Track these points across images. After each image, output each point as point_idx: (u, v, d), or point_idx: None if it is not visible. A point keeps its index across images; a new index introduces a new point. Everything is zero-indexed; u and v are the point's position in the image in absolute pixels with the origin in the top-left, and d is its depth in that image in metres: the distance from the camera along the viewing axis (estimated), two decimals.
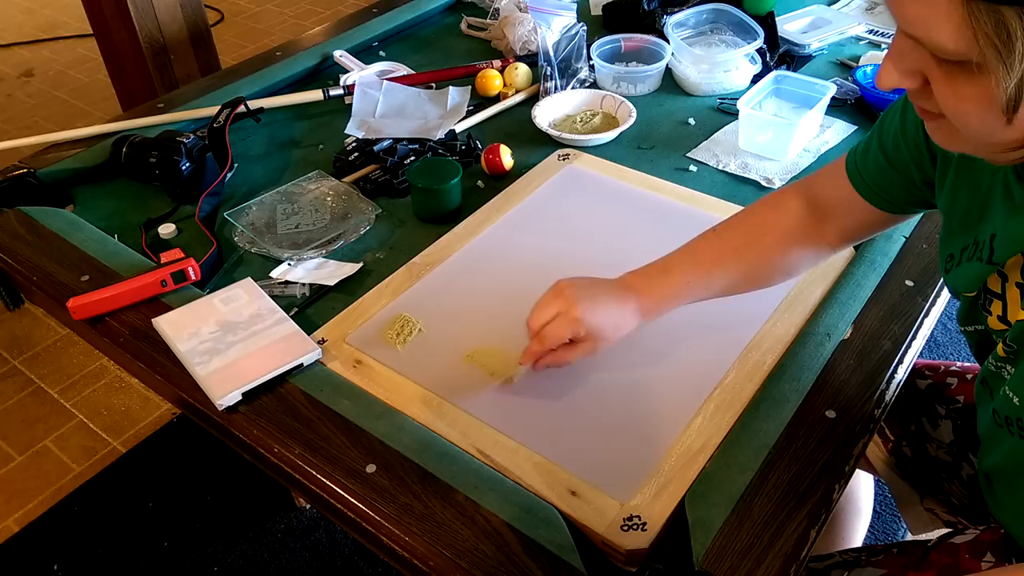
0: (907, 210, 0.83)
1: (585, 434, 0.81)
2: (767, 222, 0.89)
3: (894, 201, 0.81)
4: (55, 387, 2.00)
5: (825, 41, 1.51)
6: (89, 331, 0.96)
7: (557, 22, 1.53)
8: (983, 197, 0.68)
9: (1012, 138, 0.53)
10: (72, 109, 3.13)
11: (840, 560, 0.87)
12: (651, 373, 0.88)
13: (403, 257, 1.05)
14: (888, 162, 0.78)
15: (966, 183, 0.70)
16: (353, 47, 1.54)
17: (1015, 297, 0.66)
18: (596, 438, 0.81)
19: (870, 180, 0.81)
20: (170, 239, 1.12)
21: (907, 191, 0.79)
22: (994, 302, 0.68)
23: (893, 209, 0.82)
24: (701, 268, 0.88)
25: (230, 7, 3.93)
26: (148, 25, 2.09)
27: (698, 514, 0.71)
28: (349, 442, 0.79)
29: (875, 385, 0.84)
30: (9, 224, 1.10)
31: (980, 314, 0.71)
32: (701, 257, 0.89)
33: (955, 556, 0.81)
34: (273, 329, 0.90)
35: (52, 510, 1.71)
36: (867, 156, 0.81)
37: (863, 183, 0.81)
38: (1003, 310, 0.67)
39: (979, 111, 0.52)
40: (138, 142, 1.21)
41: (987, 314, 0.70)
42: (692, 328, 0.93)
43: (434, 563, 0.70)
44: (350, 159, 1.22)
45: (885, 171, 0.79)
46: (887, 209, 0.82)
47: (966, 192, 0.70)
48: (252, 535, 1.65)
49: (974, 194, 0.69)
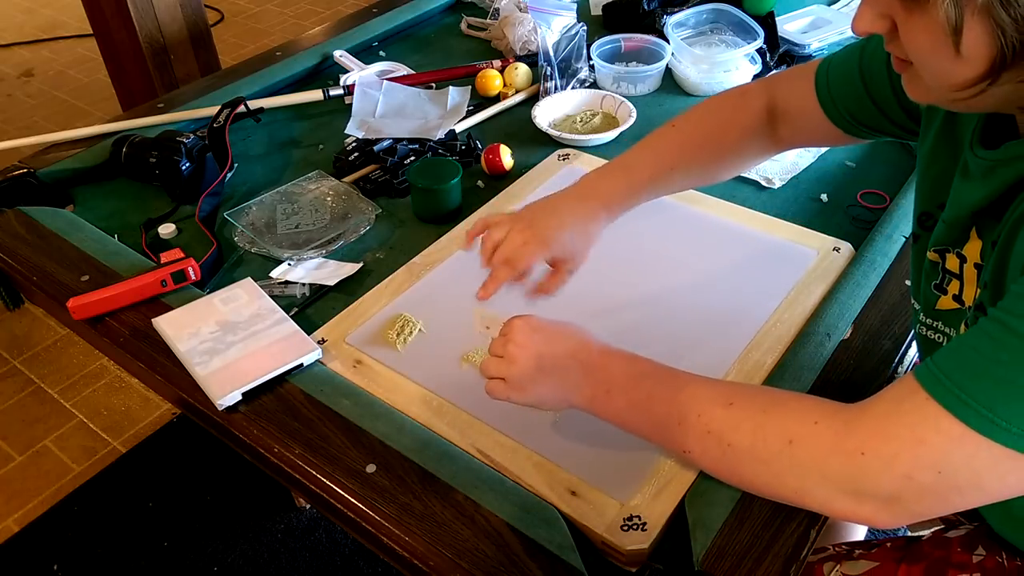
0: (866, 136, 0.85)
1: (585, 434, 0.81)
2: (730, 120, 0.90)
3: (858, 125, 0.83)
4: (55, 387, 2.00)
5: (825, 41, 1.51)
6: (89, 331, 0.96)
7: (557, 22, 1.53)
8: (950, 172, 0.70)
9: (966, 75, 0.55)
10: (72, 109, 3.13)
11: (833, 553, 0.88)
12: None
13: (403, 257, 1.05)
14: (866, 90, 0.80)
15: (944, 153, 0.72)
16: (353, 47, 1.54)
17: (972, 278, 0.68)
18: (596, 438, 0.81)
19: (838, 100, 0.82)
20: (170, 239, 1.12)
21: (877, 121, 0.81)
22: (951, 282, 0.71)
23: (852, 131, 0.84)
24: (663, 166, 0.88)
25: (230, 7, 3.93)
26: (148, 25, 2.09)
27: (698, 514, 0.71)
28: (349, 442, 0.79)
29: (875, 385, 0.84)
30: (9, 224, 1.10)
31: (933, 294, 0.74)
32: (663, 154, 0.89)
33: (947, 549, 0.81)
34: (273, 329, 0.90)
35: (52, 510, 1.71)
36: (842, 78, 0.82)
37: (830, 101, 0.83)
38: (959, 289, 0.70)
39: (932, 43, 0.54)
40: (138, 142, 1.21)
41: (942, 294, 0.72)
42: (692, 328, 0.93)
43: (434, 563, 0.70)
44: (350, 159, 1.22)
45: (861, 98, 0.80)
46: (847, 131, 0.84)
47: (944, 158, 0.72)
48: (252, 535, 1.65)
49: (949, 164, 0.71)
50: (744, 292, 0.97)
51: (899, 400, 0.59)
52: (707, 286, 0.99)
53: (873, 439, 0.58)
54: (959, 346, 0.57)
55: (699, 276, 1.00)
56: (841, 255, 1.01)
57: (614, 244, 1.06)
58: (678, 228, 1.08)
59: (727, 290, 0.98)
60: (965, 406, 0.54)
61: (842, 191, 1.15)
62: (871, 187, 1.15)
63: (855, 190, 1.15)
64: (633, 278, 1.00)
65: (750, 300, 0.96)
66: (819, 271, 0.99)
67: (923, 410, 0.56)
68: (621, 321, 0.94)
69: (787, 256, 1.02)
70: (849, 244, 1.03)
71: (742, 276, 1.00)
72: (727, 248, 1.04)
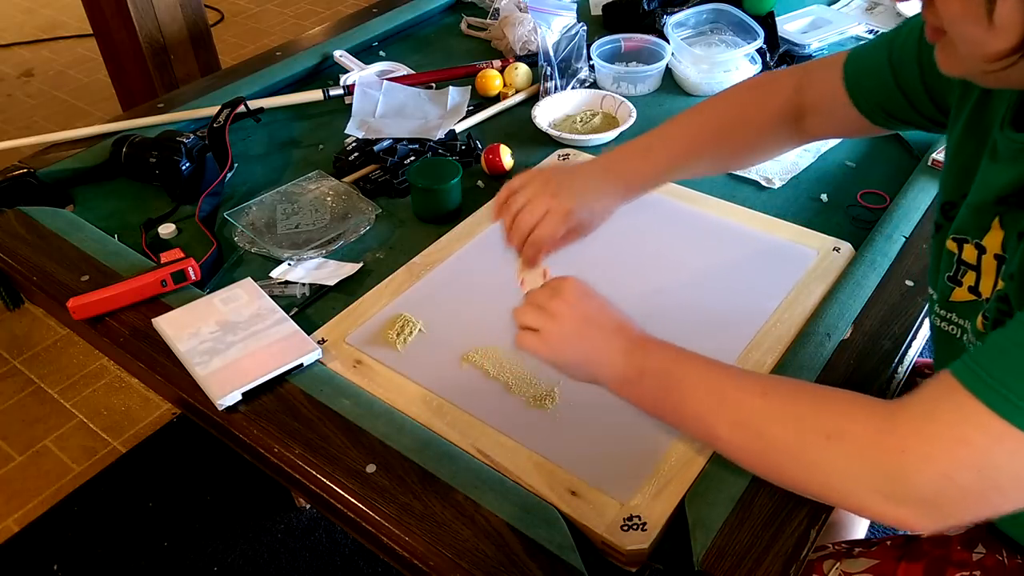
0: (894, 127, 0.84)
1: (585, 434, 0.81)
2: (758, 105, 0.90)
3: (886, 116, 0.82)
4: (55, 387, 2.00)
5: (825, 41, 1.52)
6: (89, 331, 0.96)
7: (557, 22, 1.53)
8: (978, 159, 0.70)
9: (998, 46, 0.54)
10: (72, 109, 3.13)
11: (833, 551, 0.88)
12: None
13: (403, 257, 1.05)
14: (895, 81, 0.79)
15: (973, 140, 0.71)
16: (353, 47, 1.54)
17: (990, 269, 0.67)
18: (596, 438, 0.81)
19: (867, 91, 0.82)
20: (170, 239, 1.12)
21: (905, 112, 0.80)
22: (967, 273, 0.70)
23: (880, 123, 0.83)
24: (685, 151, 0.88)
25: (230, 7, 3.93)
26: (148, 25, 2.09)
27: (698, 514, 0.71)
28: (349, 442, 0.79)
29: (875, 385, 0.84)
30: (9, 224, 1.10)
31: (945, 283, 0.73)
32: (687, 139, 0.89)
33: (946, 547, 0.82)
34: (273, 329, 0.90)
35: (52, 510, 1.71)
36: (871, 68, 0.81)
37: (859, 91, 0.82)
38: (976, 281, 0.69)
39: (964, 10, 0.54)
40: (138, 142, 1.21)
41: (957, 286, 0.71)
42: (692, 328, 0.93)
43: (434, 563, 0.70)
44: (350, 159, 1.22)
45: (890, 89, 0.80)
46: (875, 121, 0.83)
47: (973, 146, 0.71)
48: (252, 535, 1.65)
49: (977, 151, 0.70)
50: (744, 292, 0.97)
51: (937, 398, 0.57)
52: (707, 286, 0.99)
53: (912, 438, 0.56)
54: (999, 341, 0.56)
55: (699, 276, 1.00)
56: (841, 255, 1.01)
57: (614, 244, 1.06)
58: (678, 228, 1.08)
59: (727, 290, 0.98)
60: (1006, 402, 0.52)
61: (842, 191, 1.15)
62: (871, 187, 1.15)
63: (855, 190, 1.15)
64: (633, 277, 1.00)
65: (750, 300, 0.96)
66: (819, 271, 0.99)
67: (963, 408, 0.54)
68: None
69: (787, 256, 1.02)
70: (849, 244, 1.03)
71: (742, 276, 1.00)
72: (727, 248, 1.04)
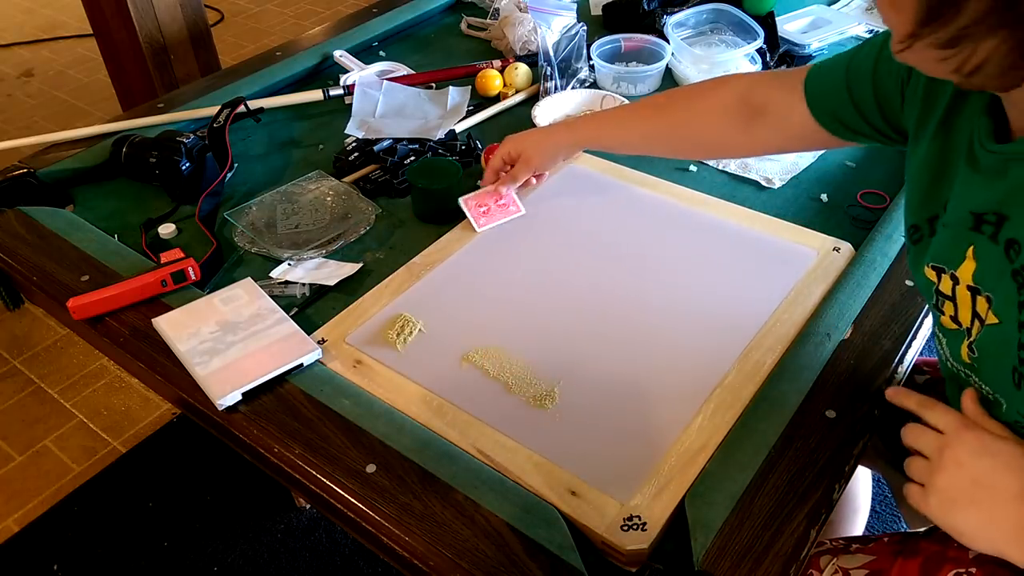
0: (848, 138, 0.87)
1: (585, 434, 0.81)
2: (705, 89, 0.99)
3: (842, 127, 0.85)
4: (55, 387, 2.00)
5: (825, 41, 1.52)
6: (89, 331, 0.96)
7: (557, 22, 1.53)
8: (951, 165, 0.71)
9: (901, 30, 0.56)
10: (72, 109, 3.13)
11: (830, 547, 0.88)
12: (651, 373, 0.88)
13: (403, 257, 1.05)
14: (849, 94, 0.82)
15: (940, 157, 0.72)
16: (353, 47, 1.54)
17: (965, 300, 0.68)
18: (596, 438, 0.81)
19: (825, 98, 0.85)
20: (170, 239, 1.12)
21: (858, 123, 0.84)
22: (946, 303, 0.71)
23: (836, 132, 0.86)
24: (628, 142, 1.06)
25: (230, 7, 3.93)
26: (148, 25, 2.09)
27: (698, 514, 0.71)
28: (349, 442, 0.79)
29: (875, 385, 0.84)
30: (9, 224, 1.10)
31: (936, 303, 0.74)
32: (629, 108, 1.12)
33: (943, 544, 0.81)
34: (273, 329, 0.90)
35: (52, 510, 1.71)
36: (830, 78, 0.85)
37: (818, 97, 0.86)
38: (955, 311, 0.70)
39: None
40: (138, 142, 1.21)
41: (940, 313, 0.72)
42: (692, 328, 0.93)
43: (434, 563, 0.70)
44: (350, 159, 1.22)
45: (844, 101, 0.83)
46: (832, 131, 0.86)
47: (937, 159, 0.72)
48: (252, 535, 1.65)
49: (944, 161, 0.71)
50: (744, 292, 0.97)
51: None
52: (707, 286, 0.99)
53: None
54: None
55: (699, 276, 1.00)
56: (841, 255, 1.01)
57: (615, 244, 1.06)
58: (678, 228, 1.08)
59: (727, 290, 0.98)
60: None
61: (842, 191, 1.15)
62: (871, 187, 1.15)
63: (855, 190, 1.15)
64: (633, 278, 1.00)
65: (750, 300, 0.96)
66: (819, 271, 0.99)
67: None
68: (621, 321, 0.94)
69: (787, 256, 1.02)
70: (849, 244, 1.03)
71: (742, 276, 1.00)
72: (727, 248, 1.04)
